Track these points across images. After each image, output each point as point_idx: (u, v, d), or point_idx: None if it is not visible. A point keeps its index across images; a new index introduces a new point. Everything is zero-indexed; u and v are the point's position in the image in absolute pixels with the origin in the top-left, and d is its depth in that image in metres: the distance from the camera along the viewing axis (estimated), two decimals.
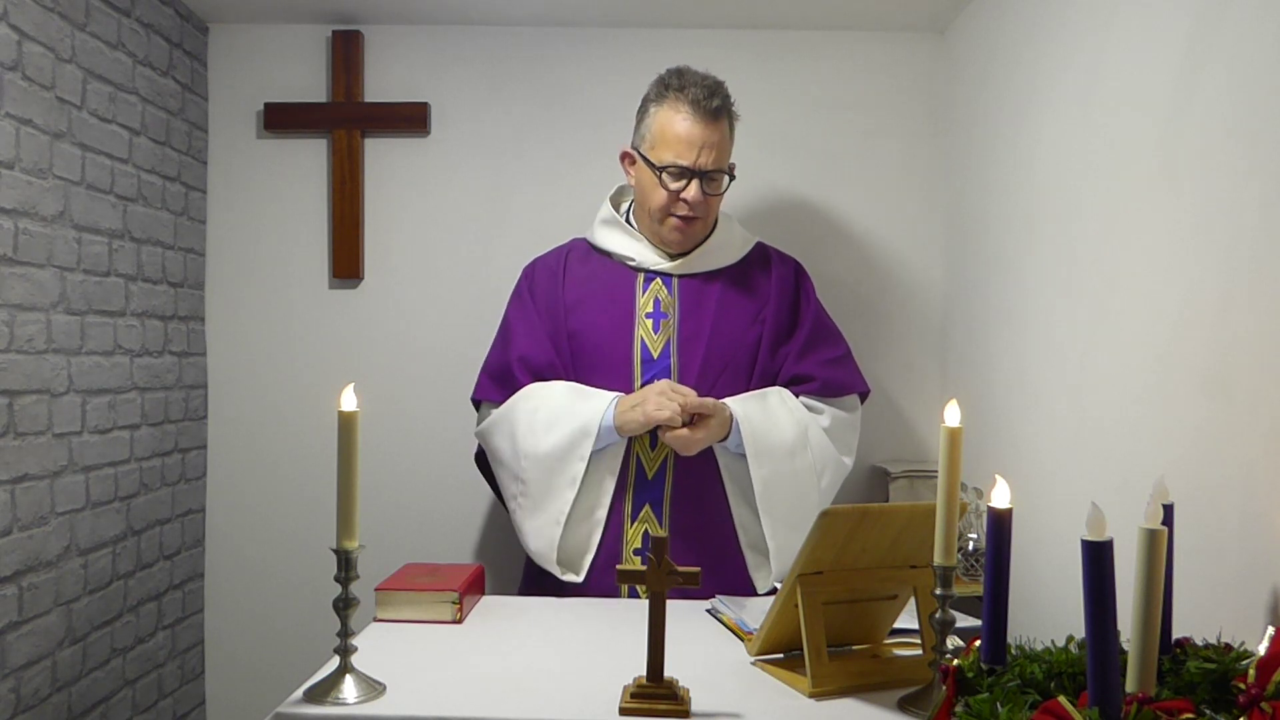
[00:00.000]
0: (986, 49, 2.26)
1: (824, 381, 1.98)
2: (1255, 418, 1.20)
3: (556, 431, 1.86)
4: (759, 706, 1.24)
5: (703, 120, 1.87)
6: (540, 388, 1.94)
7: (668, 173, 1.89)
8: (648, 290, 1.98)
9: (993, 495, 1.05)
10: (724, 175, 1.93)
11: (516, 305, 2.08)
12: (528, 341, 2.00)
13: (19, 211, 1.82)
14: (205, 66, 2.57)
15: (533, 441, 1.87)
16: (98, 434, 2.08)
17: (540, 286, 2.05)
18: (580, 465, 1.84)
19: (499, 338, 2.09)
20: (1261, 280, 1.20)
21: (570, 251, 2.09)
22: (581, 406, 1.86)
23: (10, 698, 1.79)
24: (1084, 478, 1.68)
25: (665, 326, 1.95)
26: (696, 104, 1.87)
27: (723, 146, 1.91)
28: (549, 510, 1.87)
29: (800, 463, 1.88)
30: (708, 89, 1.88)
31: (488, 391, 2.04)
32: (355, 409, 1.24)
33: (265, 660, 2.56)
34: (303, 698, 1.23)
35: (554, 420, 1.87)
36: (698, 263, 1.99)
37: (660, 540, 1.25)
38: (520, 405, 1.93)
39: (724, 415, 1.84)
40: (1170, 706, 0.82)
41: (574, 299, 2.00)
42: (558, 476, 1.86)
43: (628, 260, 2.01)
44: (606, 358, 1.94)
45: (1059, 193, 1.82)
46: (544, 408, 1.89)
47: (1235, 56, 1.27)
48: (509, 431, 1.93)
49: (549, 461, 1.86)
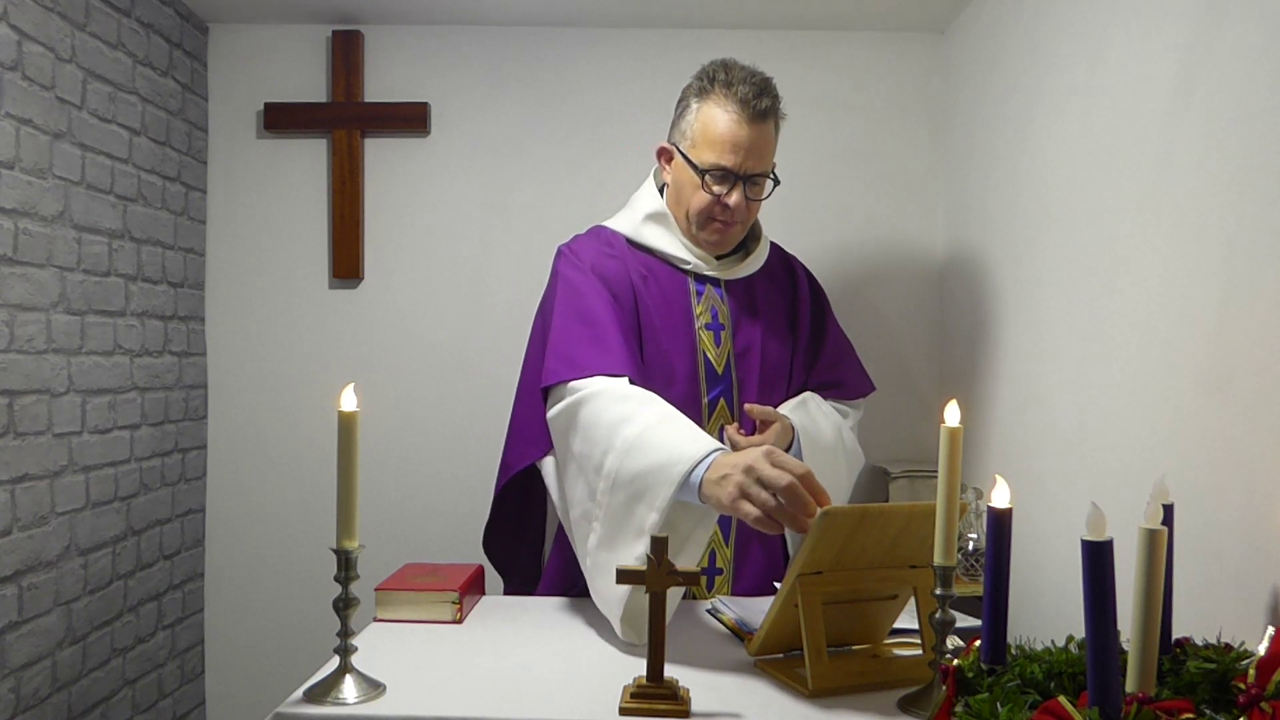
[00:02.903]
0: (986, 49, 2.26)
1: (850, 387, 1.99)
2: (1255, 418, 1.20)
3: (640, 458, 1.50)
4: (759, 706, 1.24)
5: (750, 121, 1.71)
6: (643, 401, 1.59)
7: (711, 175, 1.74)
8: (702, 298, 1.83)
9: (993, 495, 1.05)
10: (767, 179, 1.79)
11: (581, 279, 1.76)
12: (613, 311, 1.71)
13: (19, 211, 1.82)
14: (205, 66, 2.57)
15: (616, 462, 1.53)
16: (98, 434, 2.08)
17: (598, 266, 1.77)
18: (654, 516, 1.47)
19: (566, 311, 1.73)
20: (1261, 280, 1.20)
21: (612, 238, 1.86)
22: (676, 441, 1.49)
23: (10, 698, 1.79)
24: (1084, 478, 1.68)
25: (724, 339, 1.83)
26: (745, 103, 1.71)
27: (768, 149, 1.76)
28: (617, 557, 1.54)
29: (840, 465, 1.87)
30: (756, 87, 1.72)
31: (574, 365, 1.66)
32: (355, 409, 1.24)
33: (265, 660, 2.56)
34: (303, 698, 1.23)
35: (644, 445, 1.52)
36: (743, 268, 1.88)
37: (660, 540, 1.25)
38: (616, 409, 1.57)
39: (786, 424, 1.76)
40: (1170, 706, 0.82)
41: (637, 291, 1.78)
42: (627, 522, 1.52)
43: (680, 262, 1.83)
44: (672, 368, 1.77)
45: (1059, 192, 1.82)
46: (639, 423, 1.54)
47: (1235, 56, 1.27)
48: (598, 437, 1.57)
49: (623, 495, 1.52)
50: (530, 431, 1.75)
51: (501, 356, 2.46)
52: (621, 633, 1.50)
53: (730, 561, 1.80)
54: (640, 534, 1.48)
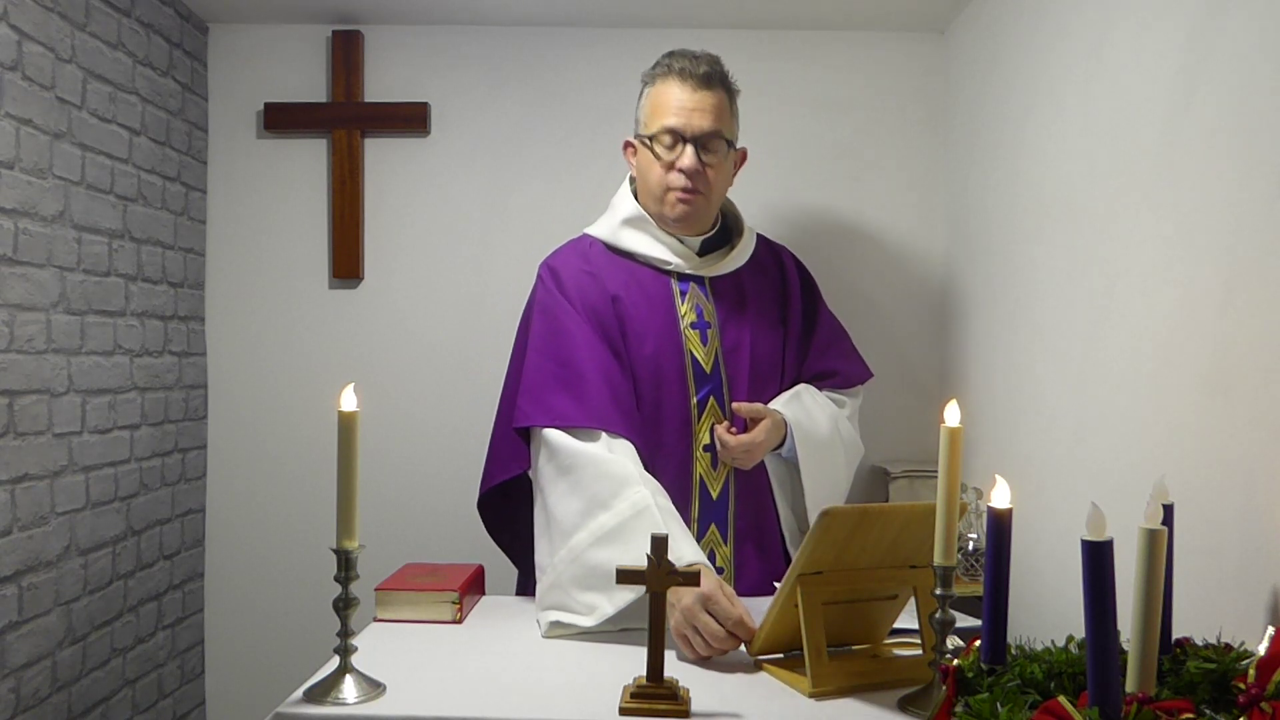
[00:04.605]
0: (986, 49, 2.26)
1: (845, 375, 1.98)
2: (1255, 417, 1.19)
3: (610, 552, 1.53)
4: (759, 706, 1.24)
5: (691, 85, 1.75)
6: (623, 481, 1.60)
7: (658, 141, 1.77)
8: (686, 298, 1.83)
9: (993, 495, 1.05)
10: (721, 141, 1.78)
11: (557, 308, 1.78)
12: (589, 348, 1.73)
13: (19, 211, 1.82)
14: (205, 66, 2.57)
15: (586, 540, 1.57)
16: (98, 434, 2.08)
17: (576, 288, 1.80)
18: (609, 610, 1.51)
19: (542, 346, 1.76)
20: (1261, 280, 1.20)
21: (590, 249, 1.88)
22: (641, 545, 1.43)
23: (10, 698, 1.79)
24: (1084, 478, 1.68)
25: (711, 338, 1.82)
26: (684, 72, 1.76)
27: (719, 113, 1.77)
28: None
29: (837, 457, 1.88)
30: (695, 58, 1.78)
31: (547, 411, 1.68)
32: (355, 409, 1.24)
33: (265, 660, 2.56)
34: (303, 698, 1.23)
35: (615, 535, 1.55)
36: (726, 263, 1.88)
37: (660, 540, 1.25)
38: (598, 486, 1.60)
39: (777, 420, 1.79)
40: (1170, 706, 0.82)
41: (617, 303, 1.80)
42: (576, 595, 1.57)
43: (661, 264, 1.84)
44: (660, 370, 1.78)
45: (1059, 192, 1.82)
46: (616, 512, 1.57)
47: (1235, 56, 1.27)
48: (571, 511, 1.62)
49: (581, 572, 1.56)
50: (508, 449, 1.79)
51: (501, 356, 2.43)
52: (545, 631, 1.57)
53: (730, 561, 1.80)
54: (589, 610, 1.54)
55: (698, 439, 1.79)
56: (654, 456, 1.73)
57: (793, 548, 1.87)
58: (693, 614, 1.40)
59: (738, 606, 1.41)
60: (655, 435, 1.77)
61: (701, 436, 1.79)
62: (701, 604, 1.40)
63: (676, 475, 1.76)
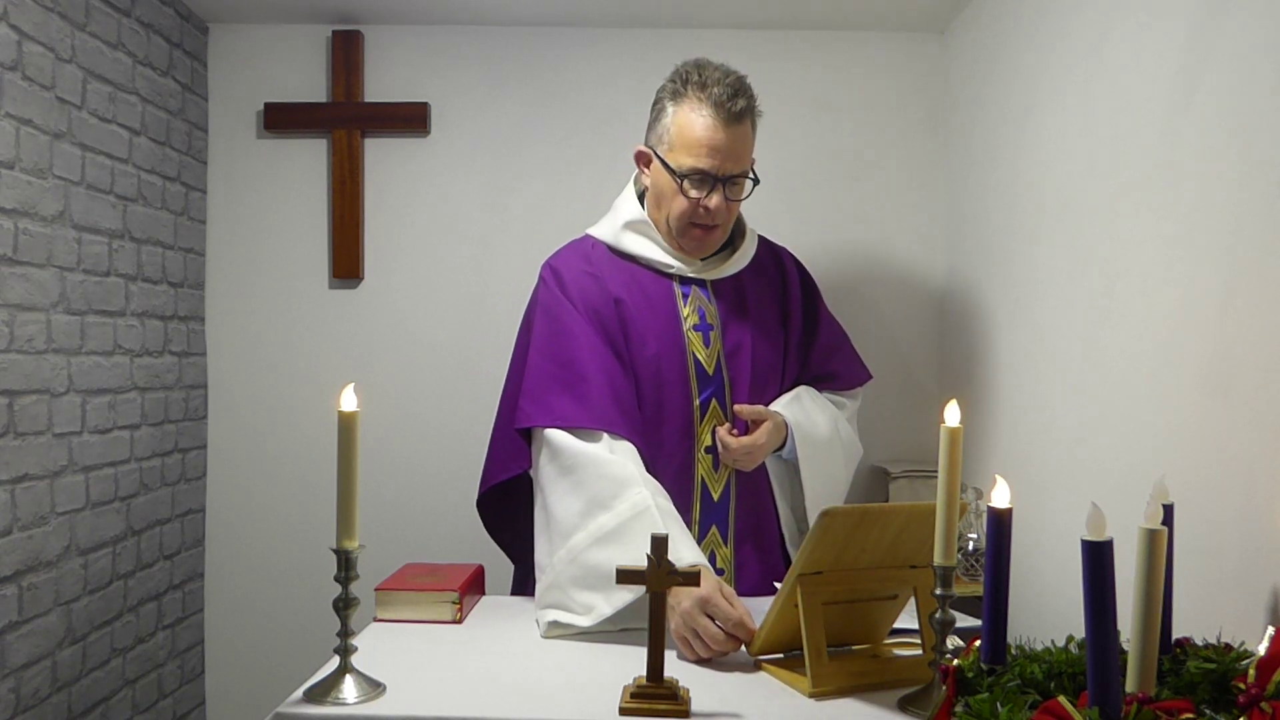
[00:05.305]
0: (986, 49, 2.26)
1: (845, 377, 1.99)
2: (1255, 417, 1.19)
3: (609, 553, 1.53)
4: (759, 706, 1.24)
5: (726, 124, 1.70)
6: (624, 483, 1.60)
7: (689, 180, 1.73)
8: (688, 300, 1.82)
9: (993, 495, 1.05)
10: (746, 179, 1.78)
11: (560, 309, 1.77)
12: (591, 348, 1.73)
13: (19, 211, 1.82)
14: (205, 66, 2.57)
15: (585, 541, 1.58)
16: (98, 434, 2.08)
17: (578, 289, 1.79)
18: (606, 611, 1.52)
19: (544, 346, 1.76)
20: (1261, 280, 1.20)
21: (592, 250, 1.86)
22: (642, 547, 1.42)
23: (10, 698, 1.79)
24: (1084, 478, 1.68)
25: (713, 340, 1.82)
26: (720, 106, 1.69)
27: (746, 149, 1.75)
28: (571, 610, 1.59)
29: (837, 458, 1.88)
30: (731, 88, 1.70)
31: (549, 412, 1.68)
32: (355, 409, 1.24)
33: (265, 660, 2.56)
34: (303, 698, 1.23)
35: (617, 539, 1.55)
36: (729, 267, 1.87)
37: (660, 540, 1.25)
38: (598, 487, 1.61)
39: (779, 421, 1.79)
40: (1170, 706, 0.82)
41: (619, 304, 1.78)
42: (574, 594, 1.57)
43: (663, 267, 1.83)
44: (662, 372, 1.77)
45: (1059, 192, 1.82)
46: (616, 513, 1.58)
47: (1235, 56, 1.27)
48: (572, 510, 1.62)
49: (580, 572, 1.57)
50: (508, 449, 1.78)
51: (501, 356, 2.43)
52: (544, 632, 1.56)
53: (730, 562, 1.80)
54: (586, 610, 1.54)
55: (699, 441, 1.79)
56: (655, 458, 1.73)
57: (793, 548, 1.87)
58: (692, 617, 1.40)
59: (737, 607, 1.41)
60: (656, 436, 1.76)
61: (703, 438, 1.79)
62: (700, 607, 1.40)
63: (678, 476, 1.76)
